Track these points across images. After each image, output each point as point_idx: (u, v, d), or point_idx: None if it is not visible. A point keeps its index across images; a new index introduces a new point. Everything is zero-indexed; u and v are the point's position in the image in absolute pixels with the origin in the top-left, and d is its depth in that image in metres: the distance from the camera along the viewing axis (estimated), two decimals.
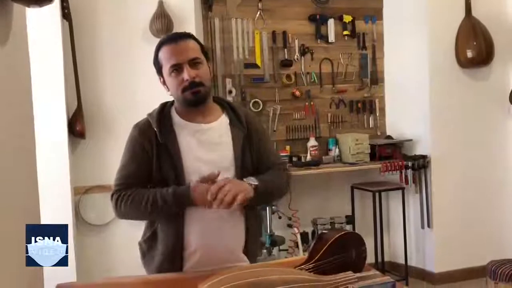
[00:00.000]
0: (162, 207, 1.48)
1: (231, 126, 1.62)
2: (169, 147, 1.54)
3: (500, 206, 3.66)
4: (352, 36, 3.82)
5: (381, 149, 3.58)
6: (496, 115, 3.62)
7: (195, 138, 1.57)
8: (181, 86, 1.52)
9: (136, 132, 1.58)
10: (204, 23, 3.49)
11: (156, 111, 1.61)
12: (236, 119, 1.63)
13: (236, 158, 1.58)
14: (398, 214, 3.67)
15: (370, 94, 3.89)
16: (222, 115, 1.64)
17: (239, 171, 1.57)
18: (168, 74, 1.55)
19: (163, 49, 1.56)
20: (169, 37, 1.59)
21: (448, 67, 3.50)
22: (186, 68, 1.51)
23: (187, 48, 1.54)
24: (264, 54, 3.64)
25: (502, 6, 3.58)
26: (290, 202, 3.32)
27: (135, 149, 1.57)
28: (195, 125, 1.59)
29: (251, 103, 3.59)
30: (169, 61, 1.53)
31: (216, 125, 1.61)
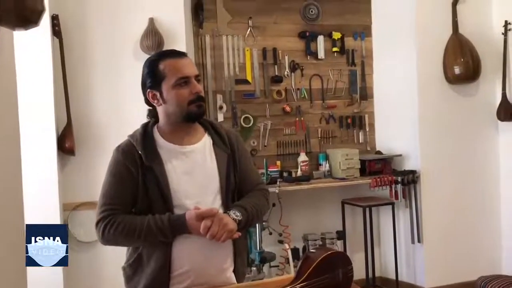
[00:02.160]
0: (157, 236, 1.47)
1: (214, 147, 1.62)
2: (155, 169, 1.52)
3: (490, 221, 3.68)
4: (342, 52, 3.86)
5: (371, 164, 3.61)
6: (484, 131, 3.66)
7: (180, 160, 1.57)
8: (188, 98, 1.53)
9: (120, 154, 1.56)
10: (195, 40, 3.52)
11: (138, 132, 1.59)
12: (219, 140, 1.64)
13: (221, 180, 1.59)
14: (388, 229, 3.68)
15: (359, 110, 3.92)
16: (205, 136, 1.64)
17: (224, 192, 1.58)
18: (172, 86, 1.53)
19: (167, 62, 1.54)
20: (171, 52, 1.61)
21: (436, 83, 3.55)
22: (194, 82, 1.54)
23: (192, 64, 1.58)
24: (255, 70, 3.67)
25: (488, 24, 3.64)
26: (281, 217, 3.31)
27: (120, 172, 1.54)
28: (180, 147, 1.58)
29: (242, 119, 3.62)
30: (178, 72, 1.53)
31: (200, 147, 1.61)
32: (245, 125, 3.62)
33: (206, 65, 3.54)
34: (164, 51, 1.66)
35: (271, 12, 3.70)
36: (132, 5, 2.98)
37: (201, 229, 1.43)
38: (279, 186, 3.27)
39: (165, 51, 1.64)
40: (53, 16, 2.77)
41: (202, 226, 1.43)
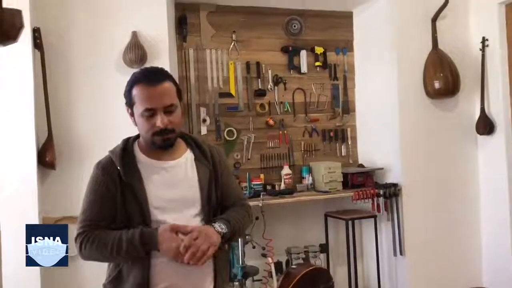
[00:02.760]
0: (127, 250, 1.45)
1: (196, 162, 1.61)
2: (134, 186, 1.52)
3: (470, 234, 3.73)
4: (324, 67, 3.91)
5: (353, 178, 3.63)
6: (464, 144, 3.73)
7: (160, 176, 1.56)
8: (152, 130, 1.50)
9: (99, 171, 1.55)
10: (179, 53, 3.53)
11: (118, 148, 1.59)
12: (201, 155, 1.63)
13: (202, 196, 1.58)
14: (371, 242, 3.71)
15: (342, 123, 3.96)
16: (187, 151, 1.64)
17: (205, 209, 1.58)
18: (139, 115, 1.51)
19: (138, 88, 1.51)
20: (146, 76, 1.53)
21: (417, 97, 3.60)
22: (160, 115, 1.48)
23: (163, 93, 1.50)
24: (239, 83, 3.68)
25: (466, 40, 3.72)
26: (264, 231, 3.31)
27: (99, 189, 1.53)
28: (160, 162, 1.57)
29: (226, 132, 3.62)
30: (143, 103, 1.49)
31: (181, 162, 1.60)
32: (229, 138, 3.62)
33: (189, 78, 3.55)
34: (142, 73, 1.55)
35: (254, 27, 3.73)
36: (115, 18, 2.97)
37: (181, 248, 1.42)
38: (263, 200, 3.26)
39: (142, 72, 1.56)
40: (35, 29, 2.74)
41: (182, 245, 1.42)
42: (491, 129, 3.58)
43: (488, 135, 3.61)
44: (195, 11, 3.57)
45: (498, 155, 3.57)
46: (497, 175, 3.58)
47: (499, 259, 3.59)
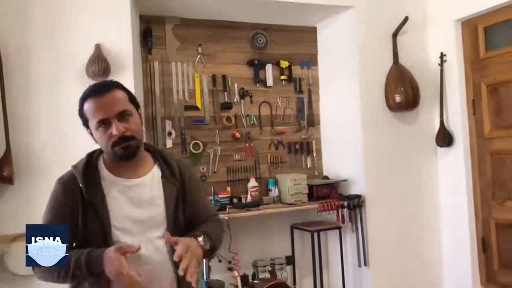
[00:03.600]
0: (74, 271, 1.39)
1: (163, 180, 1.56)
2: (96, 205, 1.46)
3: (432, 243, 3.83)
4: (289, 80, 3.96)
5: (318, 189, 3.68)
6: (425, 156, 3.84)
7: (124, 195, 1.51)
8: (110, 141, 1.45)
9: (60, 187, 1.50)
10: (144, 66, 3.50)
11: (82, 163, 1.53)
12: (169, 172, 1.58)
13: (168, 215, 1.53)
14: (336, 253, 3.75)
15: (307, 136, 4.02)
16: (154, 167, 1.59)
17: (172, 228, 1.52)
18: (95, 129, 1.47)
19: (88, 102, 1.47)
20: (93, 89, 1.50)
21: (379, 110, 3.69)
22: (114, 123, 1.44)
23: (113, 101, 1.46)
24: (205, 96, 3.68)
25: (425, 55, 3.85)
26: (230, 244, 3.29)
27: (59, 207, 1.48)
28: (125, 180, 1.52)
29: (191, 145, 3.61)
30: (95, 116, 1.45)
31: (148, 180, 1.55)
32: (195, 151, 3.61)
33: (154, 90, 3.53)
34: (90, 88, 1.51)
35: (220, 40, 3.75)
36: (78, 30, 2.92)
37: (175, 257, 1.36)
38: (229, 213, 3.25)
39: (90, 87, 1.51)
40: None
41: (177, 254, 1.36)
42: (450, 141, 3.70)
43: (448, 147, 3.73)
44: (161, 24, 3.56)
45: (457, 166, 3.69)
46: (456, 186, 3.70)
47: (459, 268, 3.69)
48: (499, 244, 3.49)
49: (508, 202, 3.41)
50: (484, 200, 3.57)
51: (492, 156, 3.51)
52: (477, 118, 3.59)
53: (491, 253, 3.54)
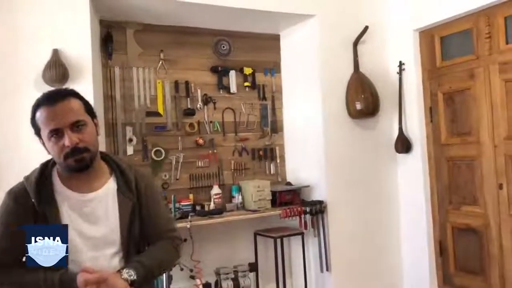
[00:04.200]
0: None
1: (118, 194, 1.51)
2: (49, 219, 1.40)
3: (393, 246, 3.92)
4: (253, 87, 3.98)
5: (282, 196, 3.70)
6: (384, 162, 3.93)
7: (77, 210, 1.45)
8: (62, 152, 1.39)
9: (11, 200, 1.43)
10: (104, 71, 3.44)
11: (35, 174, 1.46)
12: (125, 185, 1.53)
13: (122, 233, 1.49)
14: (299, 258, 3.77)
15: (270, 142, 4.04)
16: (110, 180, 1.53)
17: (125, 245, 1.49)
18: (47, 139, 1.41)
19: (40, 111, 1.41)
20: (47, 97, 1.43)
21: (340, 117, 3.75)
22: (67, 133, 1.38)
23: (67, 110, 1.40)
24: (167, 102, 3.65)
25: (385, 64, 3.95)
26: (193, 252, 3.26)
27: (9, 221, 1.41)
28: (79, 195, 1.46)
29: (153, 152, 3.56)
30: (47, 125, 1.39)
31: (102, 194, 1.50)
32: (156, 158, 3.56)
33: (115, 96, 3.47)
34: (43, 96, 1.45)
35: (183, 46, 3.73)
36: (34, 35, 2.84)
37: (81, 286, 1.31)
38: (191, 221, 3.22)
39: (44, 96, 1.45)
40: None
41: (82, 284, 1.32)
42: (408, 147, 3.80)
43: (406, 153, 3.83)
44: (121, 29, 3.51)
45: (415, 172, 3.79)
46: (414, 191, 3.80)
47: (418, 271, 3.79)
48: (455, 248, 3.60)
49: (463, 206, 3.52)
50: (441, 205, 3.68)
51: (448, 162, 3.62)
52: (434, 125, 3.71)
53: (447, 256, 3.65)
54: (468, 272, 3.51)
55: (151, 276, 1.49)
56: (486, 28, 3.29)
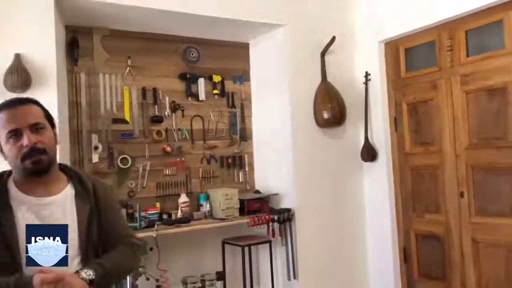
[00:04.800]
0: None
1: (76, 199, 1.51)
2: (4, 225, 1.38)
3: (359, 254, 3.97)
4: (222, 95, 3.98)
5: (250, 204, 3.70)
6: (351, 170, 3.99)
7: (34, 214, 1.43)
8: (20, 153, 1.40)
9: None
10: (69, 77, 3.37)
11: None
12: (83, 191, 1.54)
13: (80, 235, 1.48)
14: (267, 267, 3.77)
15: (239, 150, 4.04)
16: (68, 186, 1.53)
17: (84, 248, 1.48)
18: (5, 141, 1.41)
19: (0, 115, 1.42)
20: (7, 102, 1.46)
21: (308, 126, 3.80)
22: (26, 133, 1.40)
23: (27, 112, 1.43)
24: (134, 109, 3.60)
25: (352, 74, 4.02)
26: (159, 262, 3.22)
27: None
28: (36, 199, 1.45)
29: (119, 159, 3.50)
30: (6, 126, 1.41)
31: (60, 199, 1.49)
32: (123, 166, 3.51)
33: (80, 103, 3.40)
34: (4, 102, 1.47)
35: (151, 53, 3.70)
36: None
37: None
38: (157, 230, 3.18)
39: (5, 102, 1.47)
40: None
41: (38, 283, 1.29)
42: (374, 156, 3.88)
43: (372, 162, 3.91)
44: (88, 35, 3.45)
45: (380, 180, 3.87)
46: (380, 199, 3.88)
47: (383, 278, 3.85)
48: (419, 254, 3.69)
49: (426, 214, 3.61)
50: (405, 212, 3.77)
51: (412, 171, 3.71)
52: (398, 134, 3.80)
53: (411, 263, 3.73)
54: (431, 278, 3.60)
55: (110, 278, 1.49)
56: (448, 41, 3.41)
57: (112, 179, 3.47)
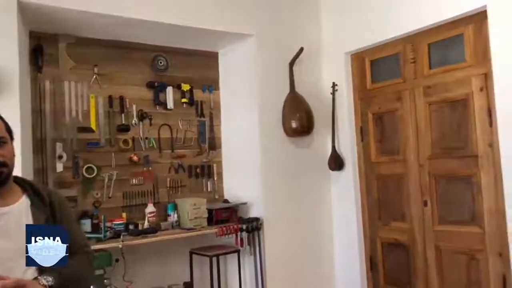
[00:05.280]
0: None
1: (32, 208, 1.53)
2: None
3: (327, 262, 4.01)
4: (191, 103, 3.97)
5: (218, 213, 3.68)
6: (318, 179, 4.03)
7: None
8: None
9: None
10: (33, 85, 3.29)
11: None
12: (39, 201, 1.55)
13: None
14: (235, 276, 3.76)
15: (208, 159, 4.03)
16: (23, 197, 1.54)
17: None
18: None
19: None
20: None
21: (276, 135, 3.82)
22: None
23: None
24: (100, 118, 3.54)
25: (319, 84, 4.09)
26: (125, 273, 3.16)
27: None
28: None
29: (84, 169, 3.43)
30: None
31: (15, 208, 1.50)
32: (88, 176, 3.44)
33: (44, 111, 3.32)
34: None
35: (118, 61, 3.65)
36: None
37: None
38: (123, 240, 3.12)
39: None
40: None
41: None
42: (341, 165, 3.94)
43: (339, 171, 3.97)
44: (53, 42, 3.38)
45: (347, 189, 3.93)
46: (347, 207, 3.93)
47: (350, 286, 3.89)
48: (385, 262, 3.75)
49: (392, 222, 3.69)
50: (371, 221, 3.83)
51: (378, 180, 3.79)
52: (364, 144, 3.87)
53: (377, 271, 3.79)
54: (396, 285, 3.67)
55: (67, 285, 1.49)
56: (411, 53, 3.51)
57: (77, 188, 3.39)
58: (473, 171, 3.12)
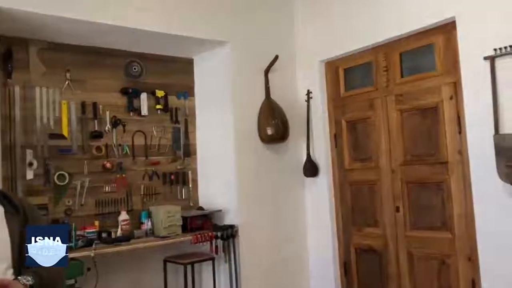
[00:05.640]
0: None
1: (6, 215, 1.53)
2: None
3: (302, 268, 4.03)
4: (165, 110, 3.94)
5: (193, 221, 3.66)
6: (294, 185, 4.06)
7: None
8: None
9: None
10: (3, 90, 3.21)
11: None
12: (12, 208, 1.55)
13: (13, 247, 1.49)
14: (210, 284, 3.73)
15: (183, 166, 4.00)
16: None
17: (17, 261, 1.49)
18: None
19: None
20: None
21: (251, 142, 3.83)
22: None
23: None
24: (72, 124, 3.48)
25: (294, 91, 4.13)
26: (97, 283, 3.10)
27: None
28: None
29: (56, 176, 3.36)
30: None
31: None
32: (60, 183, 3.36)
33: (14, 117, 3.24)
34: None
35: (91, 67, 3.60)
36: None
37: None
38: (95, 249, 3.07)
39: None
40: None
41: None
42: (315, 172, 3.97)
43: (313, 177, 4.00)
44: (24, 47, 3.31)
45: (321, 195, 3.96)
46: (321, 214, 3.97)
47: None
48: (358, 268, 3.80)
49: (365, 228, 3.73)
50: (345, 227, 3.87)
51: (352, 186, 3.84)
52: (338, 151, 3.92)
53: (351, 276, 3.83)
54: None
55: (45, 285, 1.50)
56: (383, 62, 3.58)
57: (48, 196, 3.32)
58: (444, 177, 3.19)
